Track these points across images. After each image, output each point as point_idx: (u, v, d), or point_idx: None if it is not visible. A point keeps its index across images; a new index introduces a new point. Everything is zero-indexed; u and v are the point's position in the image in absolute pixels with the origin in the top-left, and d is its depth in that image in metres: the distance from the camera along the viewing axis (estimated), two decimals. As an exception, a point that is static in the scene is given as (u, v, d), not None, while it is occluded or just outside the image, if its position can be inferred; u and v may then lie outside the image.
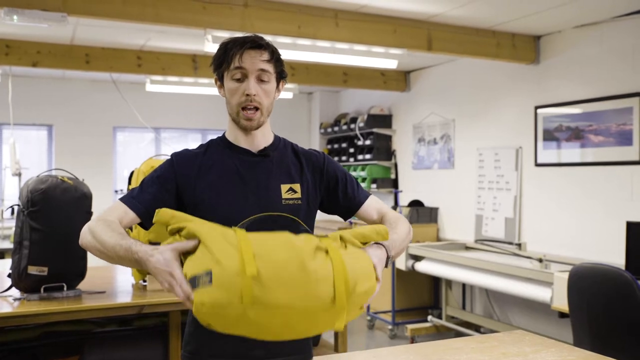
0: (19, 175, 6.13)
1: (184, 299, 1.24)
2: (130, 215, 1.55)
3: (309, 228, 1.70)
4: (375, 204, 1.79)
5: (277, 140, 1.74)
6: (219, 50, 1.65)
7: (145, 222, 1.57)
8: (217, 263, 1.20)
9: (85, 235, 1.48)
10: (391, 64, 4.94)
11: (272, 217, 1.59)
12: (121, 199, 1.58)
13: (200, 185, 1.61)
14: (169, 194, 1.59)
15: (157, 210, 1.34)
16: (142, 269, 1.40)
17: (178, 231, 1.32)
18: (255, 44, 1.60)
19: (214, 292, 1.19)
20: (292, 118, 8.22)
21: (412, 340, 5.41)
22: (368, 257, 1.38)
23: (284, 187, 1.65)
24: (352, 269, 1.28)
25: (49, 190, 2.66)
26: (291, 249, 1.24)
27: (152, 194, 1.57)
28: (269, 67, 1.61)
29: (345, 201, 1.76)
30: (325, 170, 1.74)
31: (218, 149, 1.68)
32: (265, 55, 1.61)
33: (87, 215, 2.79)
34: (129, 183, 3.05)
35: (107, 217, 1.51)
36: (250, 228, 1.56)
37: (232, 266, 1.19)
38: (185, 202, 1.61)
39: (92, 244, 1.45)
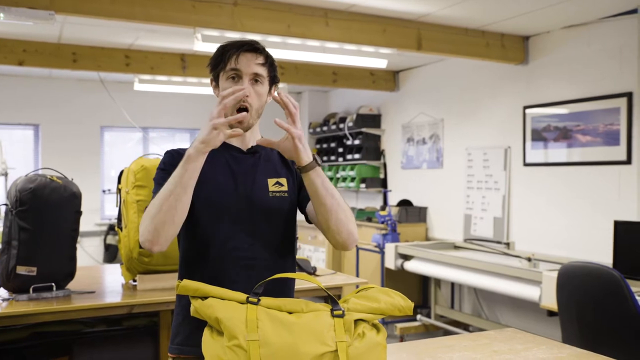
0: (6, 175, 6.08)
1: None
2: None
3: (293, 221, 1.78)
4: None
5: None
6: (216, 52, 1.74)
7: None
8: None
9: (142, 223, 1.53)
10: (381, 64, 4.95)
11: (257, 213, 1.68)
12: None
13: None
14: None
15: (180, 284, 1.40)
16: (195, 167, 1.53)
17: (201, 298, 1.41)
18: (252, 47, 1.70)
19: None
20: (281, 117, 8.17)
21: (402, 339, 5.42)
22: (381, 343, 1.44)
23: (271, 181, 1.74)
24: None
25: (37, 190, 2.64)
26: (295, 355, 1.33)
27: None
28: (263, 71, 1.70)
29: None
30: None
31: None
32: (261, 59, 1.70)
33: (77, 214, 2.78)
34: (119, 182, 3.03)
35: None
36: (239, 217, 1.67)
37: None
38: None
39: (150, 215, 1.51)
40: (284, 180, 1.75)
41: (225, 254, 1.65)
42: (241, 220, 1.67)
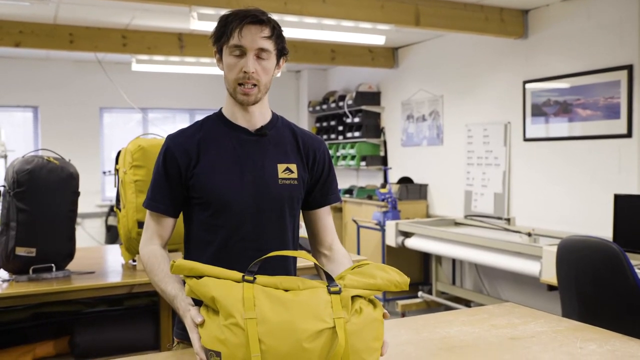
0: (5, 157, 6.08)
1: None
2: (163, 220, 1.65)
3: (299, 208, 1.73)
4: (331, 220, 1.80)
5: (275, 118, 1.73)
6: (219, 22, 1.61)
7: (175, 216, 1.67)
8: (223, 343, 1.30)
9: (142, 262, 1.65)
10: (379, 40, 4.90)
11: (265, 201, 1.63)
12: (144, 205, 1.67)
13: (200, 164, 1.61)
14: (177, 182, 1.63)
15: (174, 263, 1.39)
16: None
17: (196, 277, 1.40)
18: (256, 18, 1.57)
19: None
20: (280, 97, 8.15)
21: (403, 316, 5.45)
22: (378, 319, 1.42)
23: (281, 167, 1.65)
24: (354, 346, 1.35)
25: (34, 171, 2.64)
26: (293, 332, 1.31)
27: (166, 189, 1.64)
28: (269, 45, 1.59)
29: (319, 191, 1.75)
30: (320, 155, 1.74)
31: (215, 126, 1.67)
32: (266, 32, 1.58)
33: (74, 195, 2.77)
34: (117, 162, 3.02)
35: (149, 245, 1.64)
36: (246, 206, 1.62)
37: (237, 354, 1.29)
38: (187, 184, 1.63)
39: (147, 271, 1.62)
40: (293, 166, 1.67)
41: (233, 244, 1.61)
42: (248, 209, 1.61)
